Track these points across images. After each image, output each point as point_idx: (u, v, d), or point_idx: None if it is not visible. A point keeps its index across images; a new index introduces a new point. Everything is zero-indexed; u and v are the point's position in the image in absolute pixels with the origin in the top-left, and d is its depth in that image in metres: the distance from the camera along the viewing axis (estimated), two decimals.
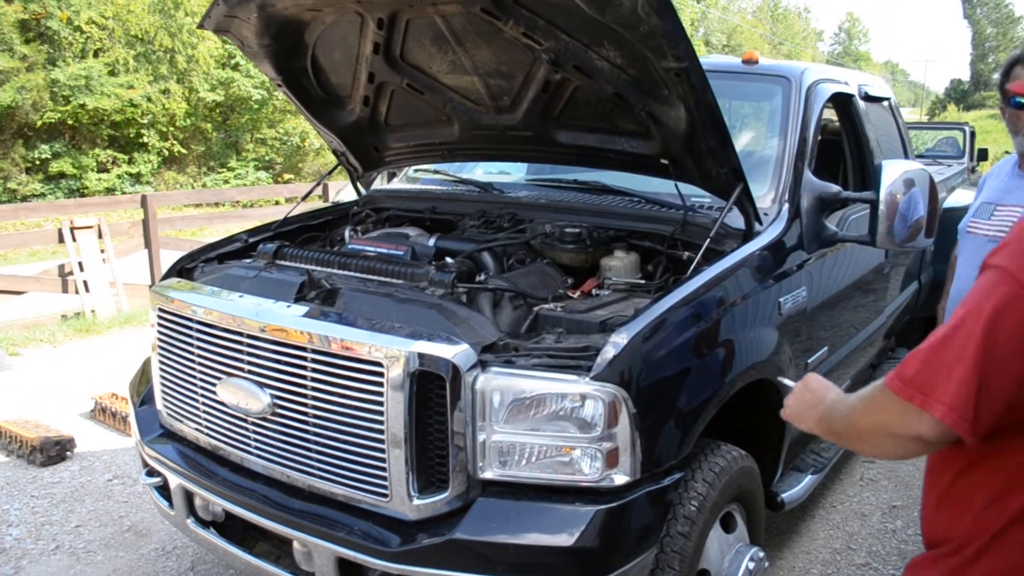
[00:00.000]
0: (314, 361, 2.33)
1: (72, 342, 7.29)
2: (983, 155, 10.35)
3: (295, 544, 2.40)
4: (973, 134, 9.86)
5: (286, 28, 3.09)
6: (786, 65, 3.76)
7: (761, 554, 2.65)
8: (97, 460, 4.57)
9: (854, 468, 4.49)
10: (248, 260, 3.16)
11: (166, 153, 22.16)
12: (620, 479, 2.16)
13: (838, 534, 3.78)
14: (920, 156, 8.35)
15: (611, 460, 2.13)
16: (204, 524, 2.71)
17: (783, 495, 3.15)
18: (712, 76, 2.46)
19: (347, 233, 3.45)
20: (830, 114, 4.15)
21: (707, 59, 3.60)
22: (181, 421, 2.82)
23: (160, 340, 2.86)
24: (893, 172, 2.99)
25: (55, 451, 4.52)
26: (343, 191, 9.52)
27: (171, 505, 2.81)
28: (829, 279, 3.43)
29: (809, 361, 3.25)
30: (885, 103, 4.90)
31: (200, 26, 3.13)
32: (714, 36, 51.34)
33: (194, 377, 2.70)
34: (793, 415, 1.67)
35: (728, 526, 2.63)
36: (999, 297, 1.21)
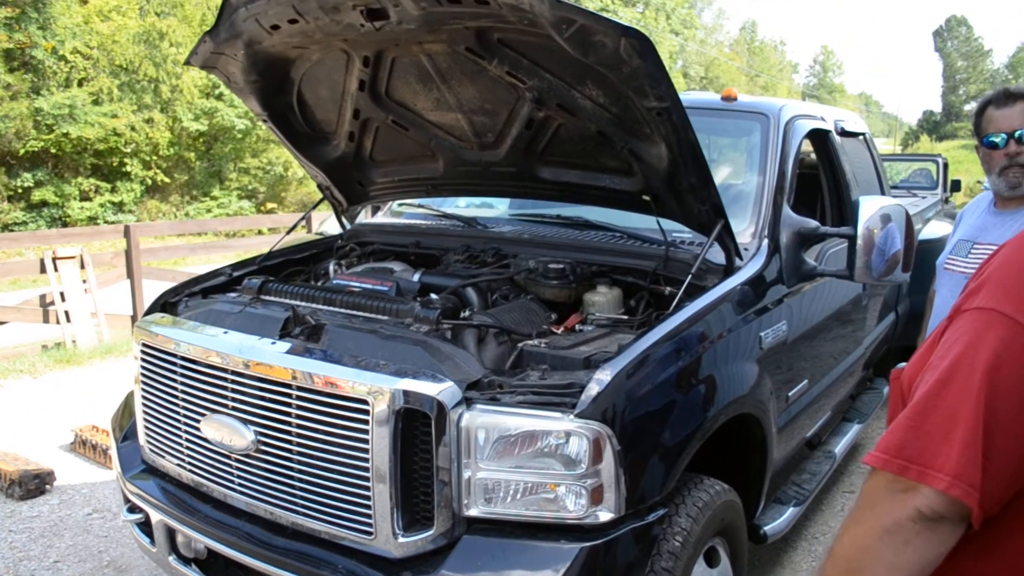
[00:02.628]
0: (299, 398, 2.33)
1: (53, 373, 7.21)
2: (956, 186, 10.50)
3: None
4: (946, 165, 10.01)
5: (273, 65, 3.11)
6: (764, 102, 3.83)
7: None
8: (77, 494, 4.52)
9: (835, 499, 4.51)
10: (233, 295, 3.16)
11: (149, 182, 22.05)
12: (605, 516, 2.16)
13: None
14: (894, 187, 8.48)
15: (596, 497, 2.14)
16: (186, 561, 2.68)
17: (765, 528, 3.16)
18: (692, 113, 2.51)
19: (332, 267, 3.46)
20: (807, 147, 4.22)
21: (687, 95, 3.66)
22: (164, 457, 2.81)
23: (143, 375, 2.85)
24: (870, 208, 3.04)
25: (34, 484, 4.47)
26: (327, 221, 9.51)
27: (152, 542, 2.79)
28: (808, 312, 3.47)
29: (790, 394, 3.28)
30: (860, 137, 4.99)
31: (187, 63, 3.14)
32: (692, 68, 51.92)
33: (177, 413, 2.69)
34: None
35: (711, 560, 2.63)
36: (994, 342, 1.06)
